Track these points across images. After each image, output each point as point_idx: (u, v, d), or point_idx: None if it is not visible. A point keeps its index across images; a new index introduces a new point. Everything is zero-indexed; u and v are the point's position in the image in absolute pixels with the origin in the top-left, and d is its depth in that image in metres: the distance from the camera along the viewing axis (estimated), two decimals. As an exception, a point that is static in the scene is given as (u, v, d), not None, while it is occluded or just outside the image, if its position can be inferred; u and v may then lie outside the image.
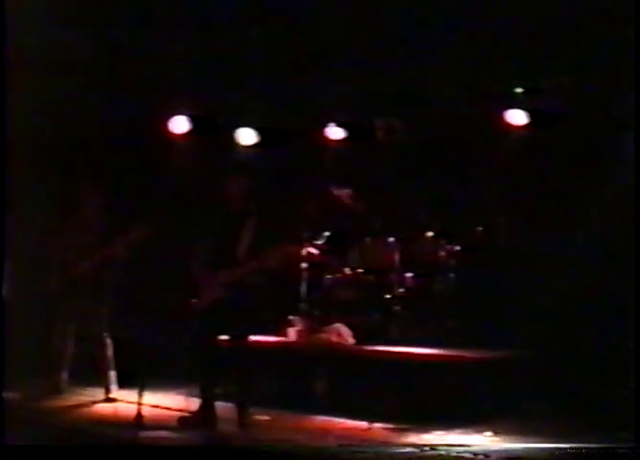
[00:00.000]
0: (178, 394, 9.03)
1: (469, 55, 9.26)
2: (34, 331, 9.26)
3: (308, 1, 8.91)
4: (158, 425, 7.71)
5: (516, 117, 9.50)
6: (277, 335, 9.85)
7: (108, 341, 9.02)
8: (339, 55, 9.59)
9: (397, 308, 9.75)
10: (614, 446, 6.77)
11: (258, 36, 9.45)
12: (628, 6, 7.62)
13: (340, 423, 8.12)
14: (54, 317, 9.04)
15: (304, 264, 10.22)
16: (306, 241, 10.27)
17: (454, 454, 6.91)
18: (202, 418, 7.88)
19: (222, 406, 8.06)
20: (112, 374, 9.00)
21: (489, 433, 7.62)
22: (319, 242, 10.31)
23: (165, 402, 8.62)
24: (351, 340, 9.45)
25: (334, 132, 10.57)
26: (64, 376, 9.03)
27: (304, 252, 10.23)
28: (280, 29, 9.23)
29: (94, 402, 8.82)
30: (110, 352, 9.01)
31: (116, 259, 8.92)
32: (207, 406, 7.95)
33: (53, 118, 9.65)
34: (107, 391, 8.94)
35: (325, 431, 7.73)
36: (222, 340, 8.03)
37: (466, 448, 7.02)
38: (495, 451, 6.92)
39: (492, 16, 8.91)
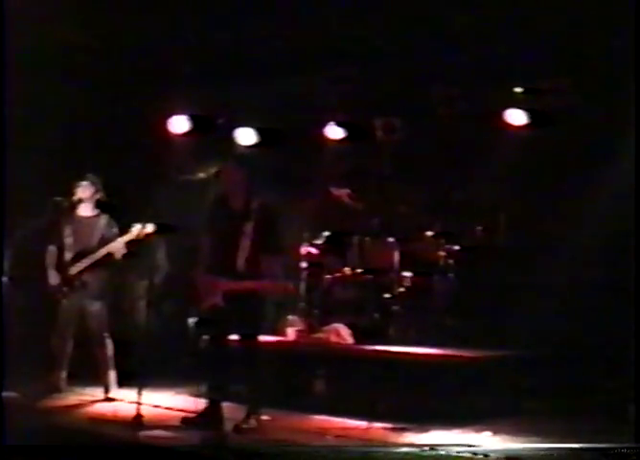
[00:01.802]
0: (178, 393, 9.07)
1: (470, 54, 9.26)
2: (35, 330, 9.30)
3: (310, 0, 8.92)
4: (157, 424, 7.71)
5: (516, 117, 9.49)
6: (276, 335, 9.85)
7: (108, 341, 9.01)
8: (339, 55, 9.59)
9: (396, 307, 9.74)
10: (614, 446, 6.77)
11: (258, 36, 9.45)
12: (627, 6, 7.63)
13: (339, 422, 8.12)
14: (54, 317, 9.03)
15: (303, 264, 10.23)
16: (305, 240, 10.28)
17: (454, 454, 6.91)
18: (204, 418, 7.86)
19: (225, 406, 8.06)
20: (112, 373, 8.99)
21: (488, 433, 7.62)
22: (319, 242, 10.31)
23: (164, 402, 8.63)
24: (350, 340, 9.44)
25: (334, 132, 10.56)
26: (64, 375, 9.02)
27: (303, 252, 10.25)
28: (280, 28, 9.23)
29: (94, 402, 8.83)
30: (110, 352, 9.00)
31: (117, 258, 8.93)
32: (208, 406, 7.93)
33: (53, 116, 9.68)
34: (107, 391, 8.95)
35: (324, 431, 7.72)
36: (222, 341, 7.99)
37: (465, 448, 7.02)
38: (495, 451, 6.92)
39: (491, 16, 8.93)
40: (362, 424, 8.00)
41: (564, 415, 8.13)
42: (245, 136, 10.51)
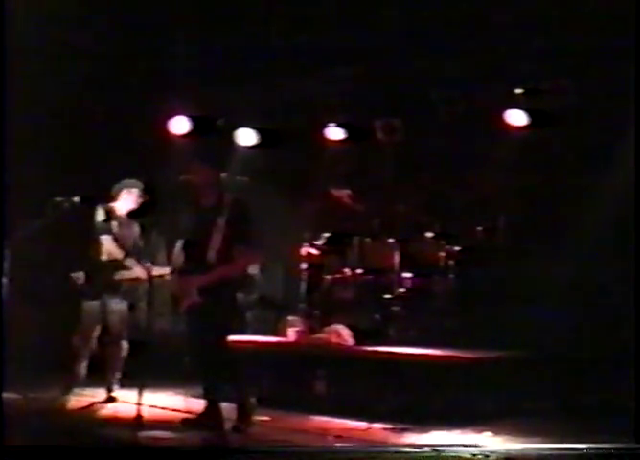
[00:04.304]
0: (178, 394, 9.07)
1: (470, 54, 9.27)
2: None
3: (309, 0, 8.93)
4: (157, 425, 7.69)
5: (516, 117, 9.49)
6: (277, 336, 9.85)
7: (123, 342, 9.02)
8: (339, 55, 9.60)
9: (396, 308, 9.74)
10: (614, 446, 6.76)
11: (258, 36, 9.46)
12: (628, 6, 7.64)
13: (339, 423, 8.11)
14: (77, 317, 9.05)
15: (304, 265, 10.23)
16: (306, 241, 10.29)
17: (453, 454, 6.89)
18: (205, 419, 7.85)
19: (223, 407, 8.04)
20: (118, 374, 9.00)
21: (488, 433, 7.61)
22: (319, 243, 10.31)
23: (166, 403, 8.64)
24: (350, 341, 9.43)
25: (334, 132, 10.56)
26: (82, 375, 9.02)
27: (304, 253, 10.25)
28: (280, 28, 9.24)
29: (95, 402, 8.83)
30: (123, 352, 9.01)
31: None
32: (209, 407, 7.92)
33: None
34: (110, 391, 8.96)
35: (324, 432, 7.70)
36: (217, 341, 7.96)
37: (465, 449, 7.00)
38: (495, 451, 6.90)
39: (491, 16, 8.94)
40: (362, 424, 7.99)
41: (564, 415, 8.13)
42: (245, 137, 10.52)
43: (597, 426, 7.50)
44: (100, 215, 9.03)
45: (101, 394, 8.97)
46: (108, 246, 9.02)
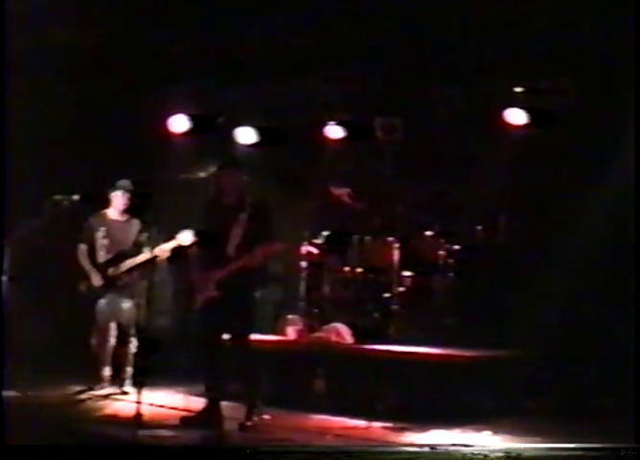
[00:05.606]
0: (178, 392, 9.09)
1: (470, 54, 9.27)
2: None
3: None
4: (157, 424, 7.71)
5: (516, 117, 9.50)
6: (276, 334, 9.86)
7: (133, 339, 9.06)
8: (339, 55, 9.59)
9: (396, 307, 9.75)
10: (614, 446, 6.77)
11: (258, 36, 9.46)
12: (627, 6, 7.65)
13: (339, 422, 8.12)
14: (92, 317, 9.12)
15: (303, 263, 10.23)
16: (305, 240, 10.29)
17: (454, 454, 6.91)
18: (205, 418, 7.86)
19: (223, 406, 8.06)
20: (129, 370, 9.04)
21: (488, 432, 7.63)
22: (319, 242, 10.31)
23: (164, 401, 8.64)
24: (350, 339, 9.44)
25: (334, 131, 10.56)
26: (108, 373, 9.10)
27: (303, 251, 10.25)
28: (280, 28, 9.24)
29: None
30: (133, 349, 9.04)
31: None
32: (210, 406, 7.93)
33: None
34: (122, 386, 9.01)
35: (324, 430, 7.72)
36: (221, 339, 8.01)
37: (465, 448, 7.02)
38: (494, 451, 6.92)
39: (492, 16, 8.94)
40: (362, 423, 8.01)
41: (564, 415, 8.14)
42: (245, 135, 10.52)
43: (597, 426, 7.53)
44: (86, 223, 9.23)
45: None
46: (80, 256, 9.20)
